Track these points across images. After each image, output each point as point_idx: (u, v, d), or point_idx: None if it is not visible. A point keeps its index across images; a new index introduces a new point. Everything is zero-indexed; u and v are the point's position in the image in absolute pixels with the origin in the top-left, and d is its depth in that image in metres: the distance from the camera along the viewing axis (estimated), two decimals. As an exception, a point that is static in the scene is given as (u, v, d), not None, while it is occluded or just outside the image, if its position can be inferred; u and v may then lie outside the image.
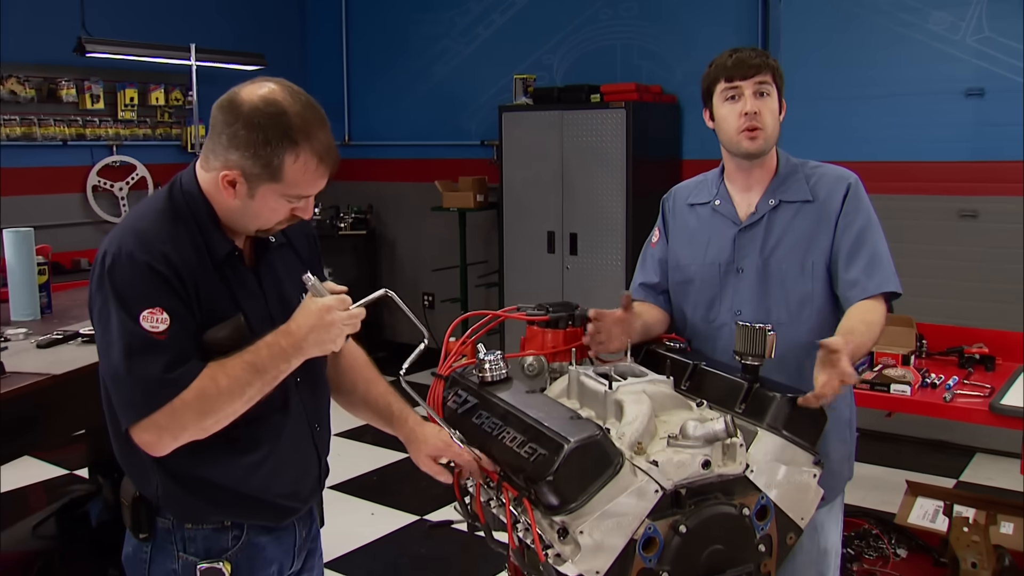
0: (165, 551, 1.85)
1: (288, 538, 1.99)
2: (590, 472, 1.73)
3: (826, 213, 2.29)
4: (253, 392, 1.72)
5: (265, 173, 1.70)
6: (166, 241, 1.72)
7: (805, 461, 1.96)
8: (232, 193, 1.74)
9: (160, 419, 1.66)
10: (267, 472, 1.86)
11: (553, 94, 6.07)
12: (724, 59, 2.30)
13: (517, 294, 6.19)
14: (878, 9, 5.32)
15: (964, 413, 3.03)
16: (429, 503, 4.68)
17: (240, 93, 1.72)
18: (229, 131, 1.70)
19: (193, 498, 1.81)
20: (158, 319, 1.67)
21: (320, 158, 1.73)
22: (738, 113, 2.27)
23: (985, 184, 5.11)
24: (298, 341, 1.73)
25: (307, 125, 1.71)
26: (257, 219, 1.79)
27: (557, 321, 2.34)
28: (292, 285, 1.90)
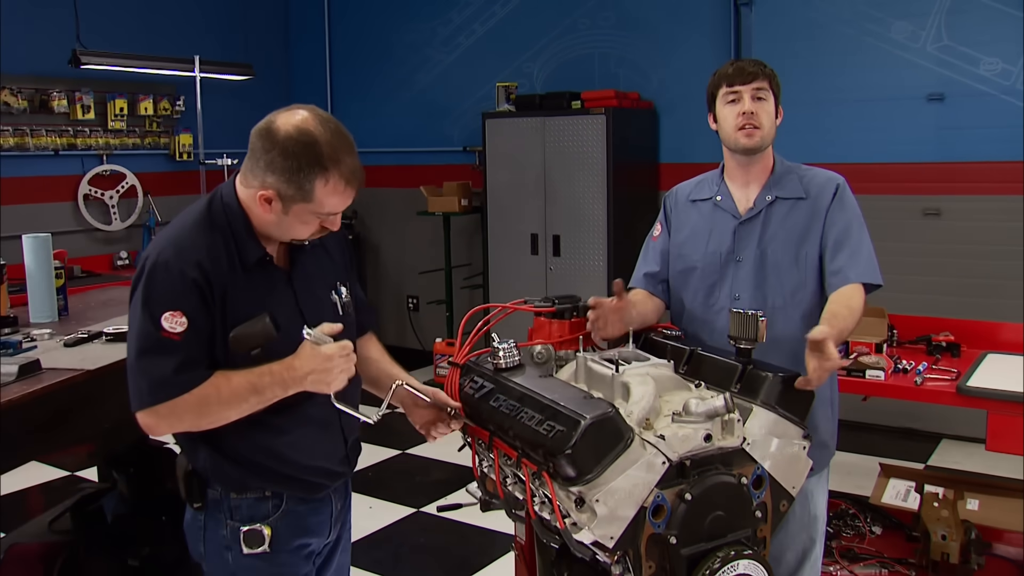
0: (216, 519, 2.06)
1: (325, 509, 2.18)
2: (604, 446, 1.87)
3: (817, 209, 2.53)
4: (248, 407, 1.92)
5: (298, 195, 1.90)
6: (200, 249, 1.92)
7: (795, 434, 2.13)
8: (268, 209, 1.94)
9: (161, 411, 1.87)
10: (297, 452, 2.06)
11: (535, 101, 6.24)
12: (726, 68, 2.57)
13: (501, 295, 6.31)
14: (843, 19, 5.55)
15: (933, 395, 3.24)
16: (423, 496, 4.84)
17: (276, 121, 1.91)
18: (267, 157, 1.90)
19: (235, 469, 2.02)
20: (177, 322, 1.86)
21: (347, 181, 1.93)
22: (737, 113, 2.52)
23: (947, 184, 5.34)
24: (299, 378, 1.94)
25: (335, 152, 1.90)
26: (290, 232, 1.99)
27: (563, 312, 2.53)
28: (322, 283, 2.13)
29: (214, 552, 2.08)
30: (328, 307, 2.14)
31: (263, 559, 2.06)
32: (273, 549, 2.06)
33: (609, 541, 1.85)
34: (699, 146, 6.02)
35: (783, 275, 2.53)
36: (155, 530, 3.39)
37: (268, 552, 2.06)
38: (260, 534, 2.04)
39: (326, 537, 2.21)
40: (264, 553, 2.05)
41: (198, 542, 2.11)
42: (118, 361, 2.77)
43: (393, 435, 5.80)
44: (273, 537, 2.06)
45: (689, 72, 6.11)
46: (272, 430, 2.02)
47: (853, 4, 5.52)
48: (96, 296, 3.98)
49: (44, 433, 2.56)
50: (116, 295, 4.01)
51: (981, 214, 5.29)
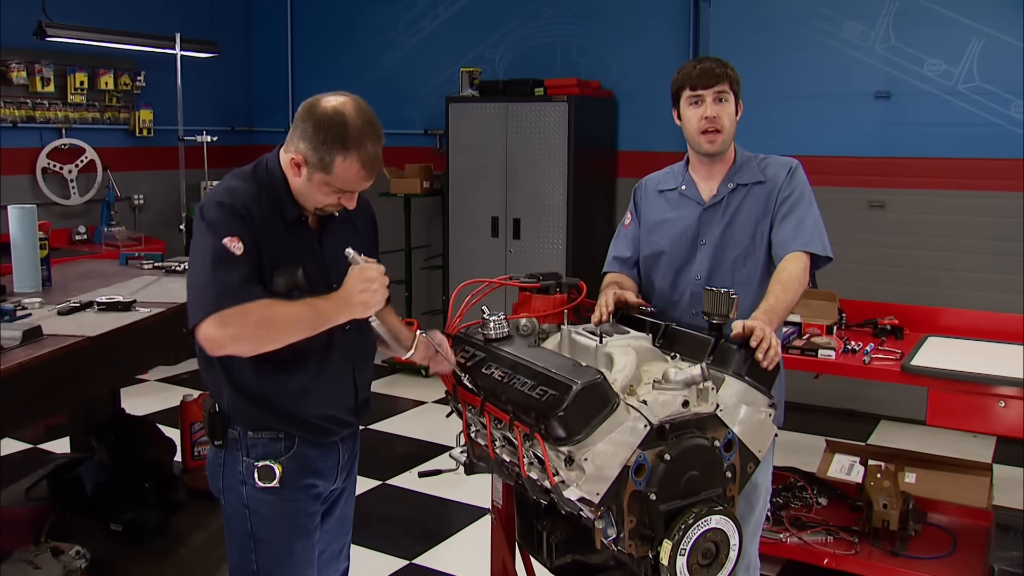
0: (234, 456, 2.26)
1: (333, 456, 2.36)
2: (593, 409, 2.01)
3: (772, 190, 2.72)
4: (304, 327, 2.10)
5: (319, 165, 2.11)
6: (249, 198, 2.14)
7: (762, 402, 2.28)
8: (297, 173, 2.16)
9: (229, 317, 2.01)
10: (310, 397, 2.24)
11: (499, 87, 6.33)
12: (690, 69, 2.71)
13: (461, 277, 6.36)
14: (797, 16, 5.75)
15: (880, 374, 3.45)
16: (388, 470, 4.96)
17: (321, 99, 2.14)
18: (303, 125, 2.12)
19: (255, 409, 2.21)
20: (237, 245, 2.07)
21: (363, 164, 2.13)
22: (700, 116, 2.68)
23: (892, 178, 5.58)
24: (349, 297, 2.14)
25: (361, 137, 2.11)
26: (312, 198, 2.19)
27: (547, 288, 2.68)
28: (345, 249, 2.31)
29: (231, 487, 2.27)
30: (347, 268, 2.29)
31: (274, 493, 2.24)
32: (283, 485, 2.25)
33: (595, 497, 1.99)
34: (657, 135, 6.19)
35: (741, 256, 2.71)
36: (137, 496, 3.47)
37: (279, 488, 2.24)
38: (272, 470, 2.23)
39: (333, 482, 2.38)
40: (275, 488, 2.24)
41: (217, 478, 2.30)
42: (117, 328, 2.86)
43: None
44: (284, 474, 2.24)
45: (649, 63, 6.26)
46: (287, 374, 2.21)
47: (807, 3, 5.72)
48: (74, 268, 4.01)
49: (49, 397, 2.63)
50: (94, 267, 4.05)
51: (923, 207, 5.53)
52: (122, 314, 3.06)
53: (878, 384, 4.02)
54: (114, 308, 3.09)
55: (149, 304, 3.15)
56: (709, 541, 2.06)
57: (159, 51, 6.37)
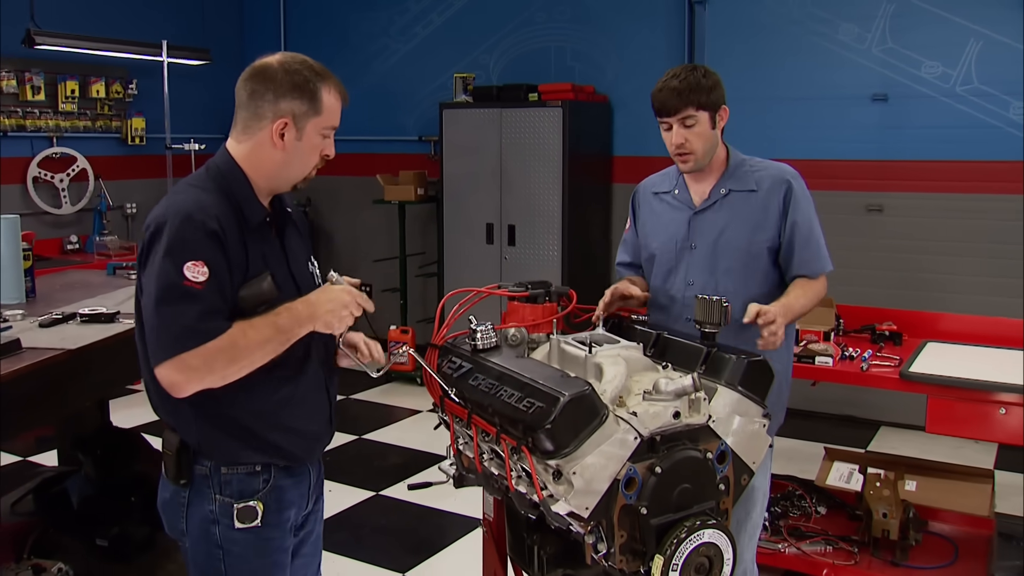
0: (202, 494, 2.08)
1: (304, 481, 2.24)
2: (581, 421, 1.97)
3: (769, 204, 2.69)
4: (272, 348, 1.98)
5: (312, 108, 2.04)
6: (215, 205, 1.99)
7: (756, 413, 2.24)
8: (282, 144, 2.05)
9: (192, 360, 1.87)
10: (292, 408, 2.12)
11: (492, 92, 6.28)
12: (657, 91, 2.69)
13: (456, 284, 6.28)
14: (792, 19, 5.71)
15: (878, 381, 3.41)
16: (382, 480, 4.90)
17: (261, 62, 2.07)
18: (272, 87, 2.03)
19: (229, 440, 2.06)
20: (199, 271, 1.90)
21: (339, 91, 2.11)
22: (669, 142, 2.70)
23: (889, 181, 5.53)
24: (314, 312, 2.04)
25: (323, 68, 2.10)
26: (300, 164, 2.10)
27: (536, 297, 2.61)
28: (303, 253, 2.24)
29: (198, 527, 2.09)
30: (309, 275, 2.24)
31: (252, 532, 2.10)
32: (263, 523, 2.12)
33: (584, 511, 1.94)
34: (652, 140, 5.93)
35: (733, 262, 2.70)
36: (123, 511, 3.42)
37: (258, 527, 2.11)
38: (254, 511, 2.09)
39: (304, 508, 2.28)
40: (253, 527, 2.10)
41: (179, 519, 2.12)
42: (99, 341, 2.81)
43: (349, 421, 5.87)
44: (264, 512, 2.11)
45: (643, 68, 6.21)
46: (268, 386, 2.07)
47: (803, 5, 5.68)
48: (59, 279, 3.97)
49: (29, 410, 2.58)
50: (79, 278, 4.01)
51: (921, 210, 5.48)
52: (105, 326, 3.02)
53: (878, 390, 3.99)
54: (97, 320, 3.05)
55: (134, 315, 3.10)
56: (702, 556, 2.01)
57: (147, 58, 6.30)
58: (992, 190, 5.26)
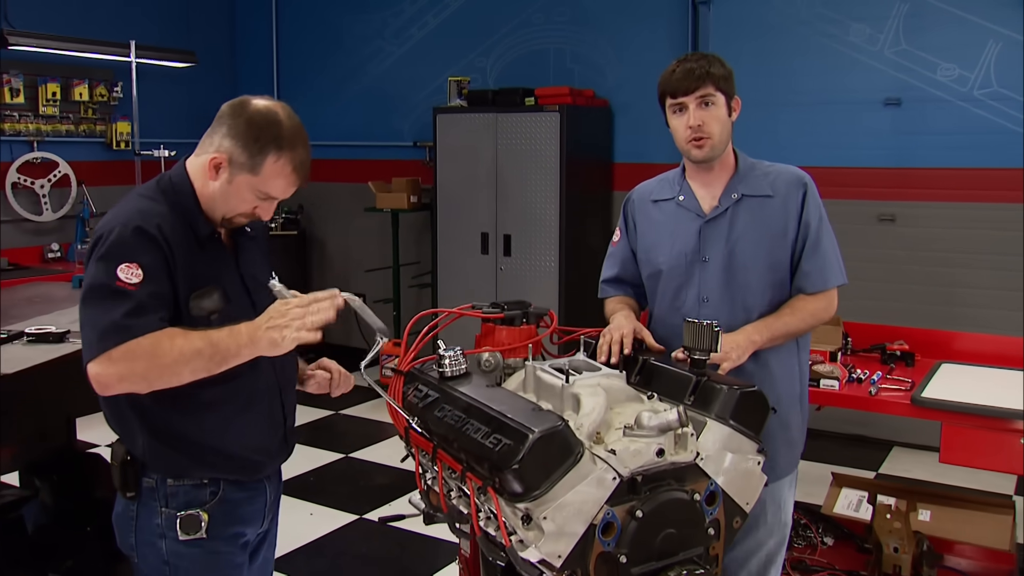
0: (150, 507, 2.07)
1: (260, 498, 2.20)
2: (553, 461, 1.80)
3: (788, 209, 2.46)
4: (201, 363, 1.90)
5: (248, 165, 1.99)
6: (160, 217, 1.98)
7: (750, 449, 2.07)
8: (215, 176, 2.01)
9: (115, 355, 1.85)
10: (241, 425, 2.10)
11: (487, 96, 6.12)
12: (668, 73, 2.46)
13: (451, 295, 6.22)
14: (801, 19, 5.51)
15: (887, 406, 3.20)
16: (366, 503, 4.70)
17: (251, 99, 2.05)
18: (232, 122, 2.00)
19: (175, 454, 2.04)
20: (133, 273, 1.90)
21: (294, 168, 2.02)
22: (684, 125, 2.43)
23: (902, 189, 5.33)
24: (255, 328, 1.92)
25: (294, 139, 2.01)
26: (228, 204, 2.04)
27: (512, 319, 2.43)
28: (260, 269, 2.19)
29: (146, 542, 2.09)
30: (266, 292, 2.12)
31: (198, 545, 2.08)
32: (209, 535, 2.09)
33: (557, 560, 1.79)
34: (654, 146, 5.96)
35: (752, 276, 2.46)
36: (78, 541, 3.23)
37: (204, 538, 2.08)
38: (197, 519, 2.06)
39: (260, 527, 2.24)
40: (200, 539, 2.08)
41: (129, 533, 2.11)
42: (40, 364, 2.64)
43: (337, 438, 5.67)
44: (210, 523, 2.08)
45: (646, 70, 5.96)
46: (212, 405, 2.05)
47: (811, 5, 5.49)
48: (21, 292, 3.78)
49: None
50: (44, 291, 3.82)
51: (937, 221, 5.28)
52: (53, 346, 2.83)
53: (890, 410, 3.86)
54: (44, 340, 2.85)
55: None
56: (689, 608, 1.86)
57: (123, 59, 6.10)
58: (1012, 199, 5.04)
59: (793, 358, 2.54)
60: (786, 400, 2.49)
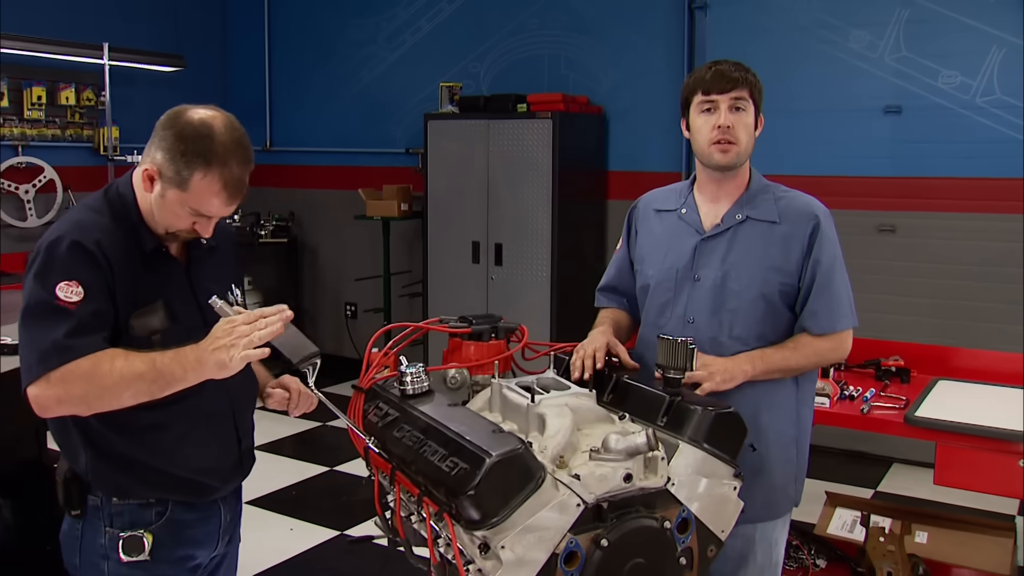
0: (94, 527, 2.01)
1: (214, 519, 2.13)
2: (512, 486, 1.71)
3: (791, 241, 2.31)
4: (143, 387, 1.82)
5: (175, 180, 1.89)
6: (101, 231, 1.91)
7: (726, 474, 1.98)
8: (150, 187, 1.93)
9: (53, 377, 1.79)
10: (188, 448, 2.02)
11: (479, 103, 6.02)
12: (703, 72, 2.33)
13: (441, 305, 6.11)
14: (799, 26, 5.40)
15: (881, 425, 3.09)
16: (349, 518, 4.58)
17: (187, 109, 1.94)
18: (163, 134, 1.91)
19: (118, 473, 1.98)
20: (73, 291, 1.83)
21: (224, 184, 1.90)
22: (712, 125, 2.30)
23: (903, 200, 5.21)
24: (200, 353, 1.83)
25: (226, 154, 1.89)
26: (164, 219, 1.95)
27: (480, 334, 2.35)
28: (220, 284, 2.07)
29: (89, 563, 2.03)
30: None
31: (142, 568, 2.01)
32: (153, 558, 2.02)
33: None
34: (650, 154, 5.91)
35: (744, 304, 2.31)
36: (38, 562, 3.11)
37: (148, 561, 2.01)
38: (140, 541, 2.00)
39: (213, 550, 2.16)
40: (143, 562, 2.01)
41: (73, 553, 2.05)
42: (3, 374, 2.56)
43: (323, 451, 5.55)
44: (154, 545, 2.01)
45: (641, 77, 5.95)
46: (158, 427, 1.98)
47: (810, 11, 5.37)
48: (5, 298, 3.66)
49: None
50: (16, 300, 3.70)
51: (938, 232, 5.16)
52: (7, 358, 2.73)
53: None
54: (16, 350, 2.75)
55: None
56: (658, 643, 1.78)
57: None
58: (1016, 210, 4.91)
59: (789, 397, 2.37)
60: (775, 440, 2.34)
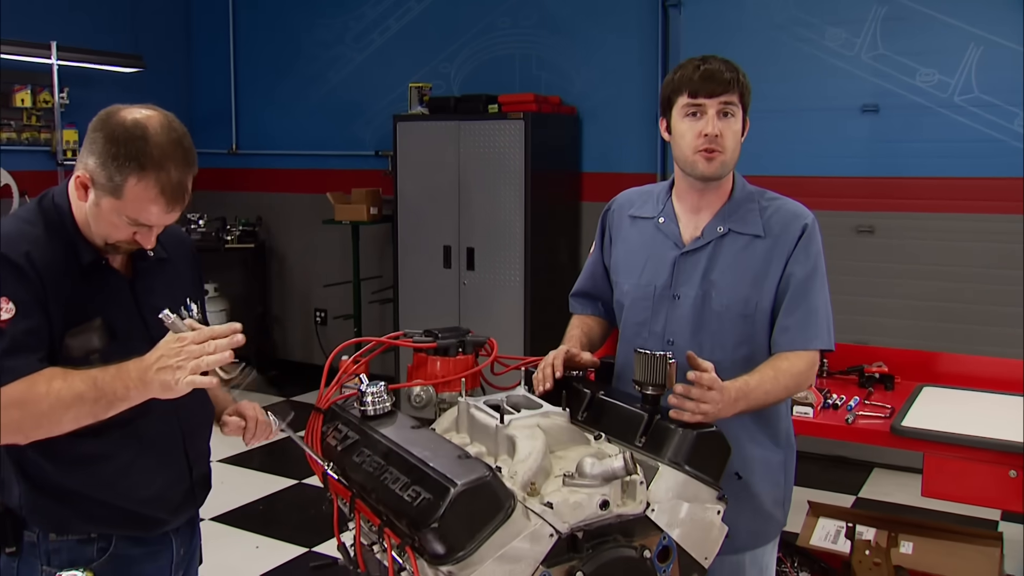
0: (31, 565, 1.89)
1: (164, 554, 2.01)
2: (479, 517, 1.61)
3: (777, 253, 2.15)
4: (85, 408, 1.69)
5: (107, 187, 1.76)
6: (31, 243, 1.78)
7: (709, 497, 1.87)
8: (84, 196, 1.80)
9: None
10: (133, 478, 1.89)
11: (450, 104, 5.90)
12: (691, 70, 2.13)
13: (412, 311, 6.00)
14: (775, 24, 5.32)
15: (866, 435, 3.00)
16: (317, 534, 4.44)
17: (120, 109, 1.80)
18: (94, 136, 1.78)
19: (56, 507, 1.86)
20: (3, 308, 1.72)
21: (162, 190, 1.76)
22: (697, 132, 2.11)
23: (881, 200, 5.15)
24: (144, 368, 1.69)
25: (163, 157, 1.75)
26: (101, 229, 1.82)
27: (447, 348, 2.22)
28: (169, 298, 1.93)
29: None
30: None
31: None
32: None
33: None
34: (625, 155, 5.83)
35: (727, 325, 2.15)
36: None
37: None
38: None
39: None
40: None
41: None
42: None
43: (292, 463, 5.39)
44: None
45: (615, 76, 5.87)
46: (99, 455, 1.85)
47: (786, 8, 5.30)
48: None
49: None
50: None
51: (917, 232, 5.10)
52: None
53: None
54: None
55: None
56: None
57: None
58: (995, 210, 4.87)
59: (774, 419, 2.24)
60: (761, 466, 2.22)
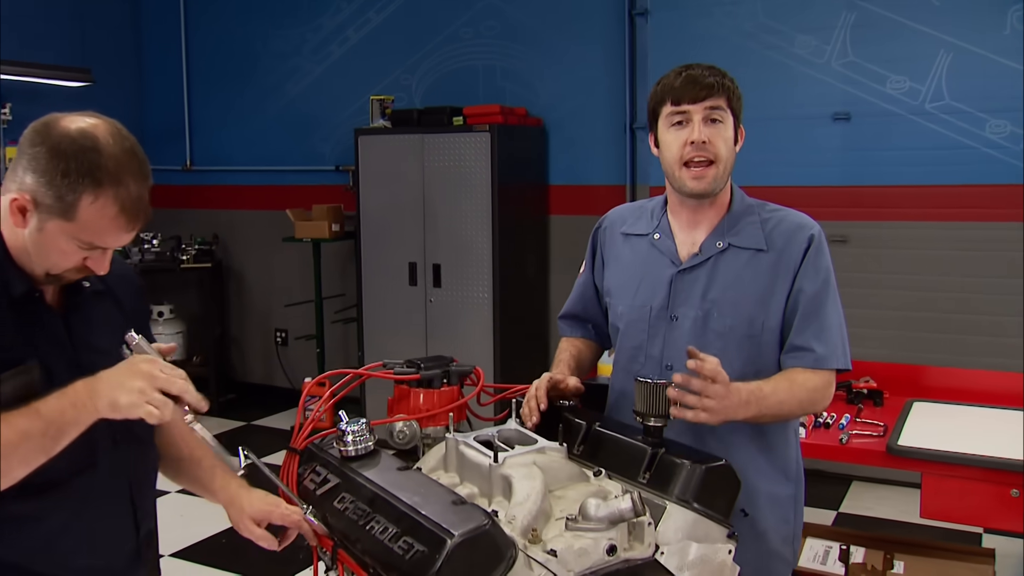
0: None
1: None
2: (478, 570, 1.49)
3: (783, 267, 2.02)
4: (34, 445, 1.50)
5: (56, 207, 1.55)
6: None
7: (719, 536, 1.75)
8: (21, 222, 1.58)
9: None
10: (70, 542, 1.68)
11: (413, 116, 5.77)
12: (672, 78, 2.02)
13: (377, 330, 5.85)
14: (743, 32, 5.26)
15: (862, 455, 2.92)
16: (286, 568, 4.23)
17: (59, 118, 1.60)
18: (32, 152, 1.56)
19: None
20: None
21: (122, 207, 1.57)
22: (683, 141, 2.00)
23: (854, 209, 5.10)
24: (95, 386, 1.52)
25: (119, 169, 1.56)
26: (45, 257, 1.61)
27: (431, 380, 2.09)
28: (108, 337, 1.72)
29: None
30: (115, 362, 1.66)
31: None
32: None
33: None
34: (593, 167, 5.74)
35: (730, 347, 2.00)
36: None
37: None
38: None
39: None
40: None
41: None
42: None
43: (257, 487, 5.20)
44: None
45: (580, 87, 5.77)
46: (29, 518, 1.62)
47: (754, 16, 5.24)
48: None
49: None
50: None
51: (892, 241, 5.06)
52: None
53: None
54: None
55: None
56: None
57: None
58: (969, 217, 4.84)
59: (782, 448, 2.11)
60: (768, 502, 2.08)
